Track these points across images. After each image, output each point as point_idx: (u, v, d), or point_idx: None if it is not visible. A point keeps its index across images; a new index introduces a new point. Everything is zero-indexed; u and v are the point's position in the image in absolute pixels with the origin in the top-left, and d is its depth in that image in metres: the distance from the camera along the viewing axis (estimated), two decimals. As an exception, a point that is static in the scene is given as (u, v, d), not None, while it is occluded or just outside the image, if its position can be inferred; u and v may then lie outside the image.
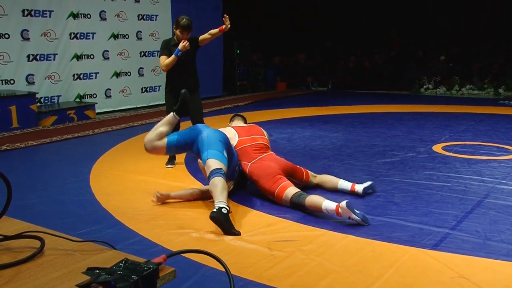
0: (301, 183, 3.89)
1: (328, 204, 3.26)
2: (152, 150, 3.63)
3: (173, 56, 4.66)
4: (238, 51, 12.41)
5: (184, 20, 4.71)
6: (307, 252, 2.79)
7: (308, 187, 3.94)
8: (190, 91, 4.68)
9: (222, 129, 3.95)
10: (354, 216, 3.15)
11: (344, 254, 2.77)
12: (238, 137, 3.93)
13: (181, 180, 4.37)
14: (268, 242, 2.95)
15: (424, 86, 11.62)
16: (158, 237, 3.05)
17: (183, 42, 4.63)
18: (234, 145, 3.83)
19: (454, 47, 12.83)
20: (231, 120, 4.54)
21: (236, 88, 12.13)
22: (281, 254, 2.77)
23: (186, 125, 4.85)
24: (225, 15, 4.69)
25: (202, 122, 4.80)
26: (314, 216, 3.37)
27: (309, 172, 3.99)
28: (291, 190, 3.48)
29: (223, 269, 1.19)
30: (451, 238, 2.97)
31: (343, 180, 3.90)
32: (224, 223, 3.02)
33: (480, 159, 4.96)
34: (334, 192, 3.87)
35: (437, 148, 5.55)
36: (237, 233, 3.03)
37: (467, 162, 4.86)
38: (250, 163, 3.76)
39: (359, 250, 2.81)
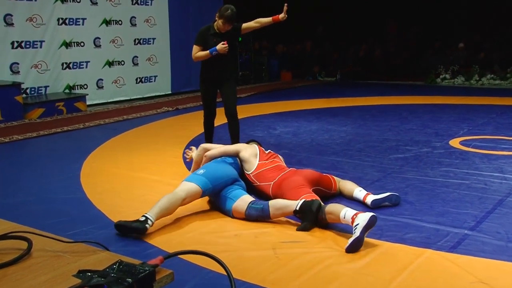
0: (330, 193, 3.73)
1: (348, 212, 2.98)
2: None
3: (206, 52, 4.78)
4: (240, 39, 12.36)
5: (229, 11, 4.71)
6: (314, 254, 2.79)
7: (335, 197, 3.76)
8: (223, 80, 4.94)
9: (245, 144, 4.11)
10: (358, 230, 2.83)
11: (354, 256, 2.77)
12: (259, 160, 3.89)
13: (180, 178, 4.34)
14: (273, 243, 2.95)
15: (441, 76, 11.59)
16: (155, 237, 3.06)
17: (223, 44, 4.70)
18: (254, 168, 3.83)
19: (474, 34, 12.76)
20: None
21: (238, 79, 12.12)
22: (287, 256, 2.77)
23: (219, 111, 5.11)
24: (285, 4, 4.74)
25: (233, 108, 4.98)
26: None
27: (336, 178, 3.83)
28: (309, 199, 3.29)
29: (224, 272, 1.19)
30: (470, 239, 2.97)
31: (360, 189, 3.69)
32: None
33: (501, 155, 4.95)
34: (351, 201, 3.66)
35: (455, 142, 5.54)
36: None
37: (487, 157, 4.85)
38: (272, 183, 3.66)
39: (370, 252, 2.81)
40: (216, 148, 4.01)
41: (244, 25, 4.90)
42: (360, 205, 3.57)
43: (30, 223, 1.60)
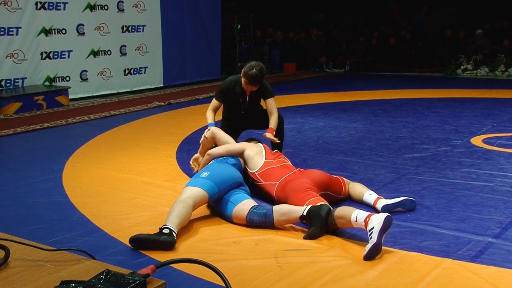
0: (339, 197, 3.73)
1: (359, 214, 3.01)
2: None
3: (208, 122, 4.53)
4: (239, 26, 12.39)
5: (254, 70, 4.36)
6: (321, 264, 2.80)
7: (344, 201, 3.75)
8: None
9: (250, 143, 4.09)
10: (374, 234, 2.84)
11: (365, 266, 2.77)
12: (265, 159, 3.90)
13: (172, 179, 4.38)
14: (276, 251, 2.96)
15: (462, 67, 11.58)
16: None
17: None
18: (260, 166, 3.84)
19: (500, 19, 12.73)
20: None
21: (237, 70, 12.14)
22: (290, 266, 2.77)
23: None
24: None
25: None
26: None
27: (345, 181, 3.83)
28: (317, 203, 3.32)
29: (221, 283, 1.19)
30: (494, 248, 2.97)
31: (370, 192, 3.69)
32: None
33: (528, 154, 4.96)
34: (360, 205, 3.64)
35: (477, 140, 5.54)
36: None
37: (513, 157, 4.86)
38: (277, 183, 3.68)
39: (383, 262, 2.81)
40: (220, 147, 4.02)
41: (269, 101, 4.62)
42: (371, 209, 3.57)
43: (7, 229, 1.61)
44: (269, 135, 4.38)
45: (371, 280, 2.63)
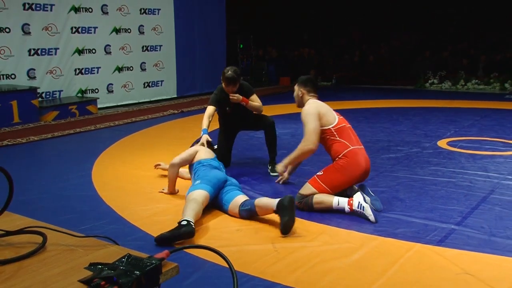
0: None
1: (340, 199, 3.35)
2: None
3: (202, 128, 4.30)
4: (241, 46, 12.40)
5: (229, 72, 4.29)
6: (311, 248, 2.79)
7: None
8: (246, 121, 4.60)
9: (313, 109, 3.78)
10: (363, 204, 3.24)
11: (348, 250, 2.77)
12: (337, 117, 3.66)
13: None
14: (272, 238, 2.96)
15: (429, 81, 11.59)
16: (161, 232, 3.05)
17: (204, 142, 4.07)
18: (336, 121, 3.62)
19: (460, 41, 12.76)
20: (303, 85, 3.99)
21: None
22: (285, 250, 2.77)
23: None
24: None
25: (270, 119, 4.68)
26: (319, 212, 3.37)
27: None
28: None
29: (226, 265, 1.19)
30: (456, 234, 2.97)
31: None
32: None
33: (485, 155, 4.95)
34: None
35: (442, 143, 5.53)
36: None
37: (473, 157, 4.85)
38: (351, 148, 3.48)
39: (363, 246, 2.81)
40: (176, 157, 3.80)
41: (253, 98, 4.53)
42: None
43: (44, 218, 1.60)
44: (237, 96, 4.34)
45: (354, 261, 2.62)
